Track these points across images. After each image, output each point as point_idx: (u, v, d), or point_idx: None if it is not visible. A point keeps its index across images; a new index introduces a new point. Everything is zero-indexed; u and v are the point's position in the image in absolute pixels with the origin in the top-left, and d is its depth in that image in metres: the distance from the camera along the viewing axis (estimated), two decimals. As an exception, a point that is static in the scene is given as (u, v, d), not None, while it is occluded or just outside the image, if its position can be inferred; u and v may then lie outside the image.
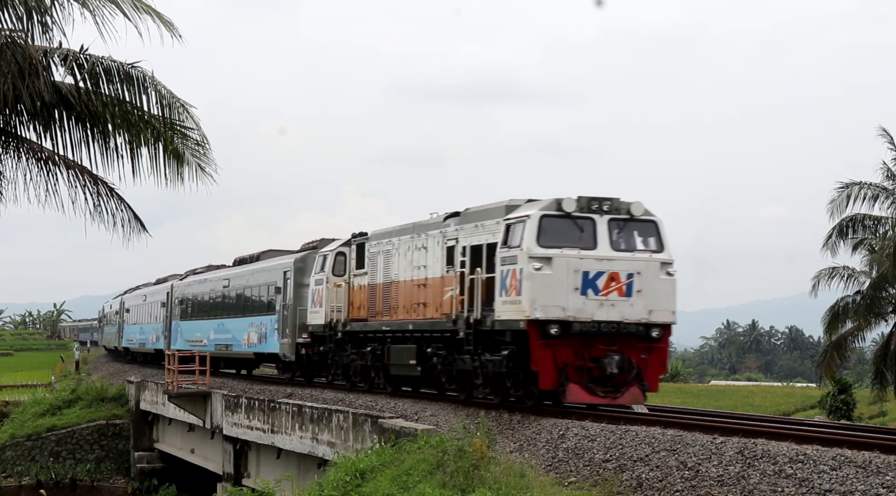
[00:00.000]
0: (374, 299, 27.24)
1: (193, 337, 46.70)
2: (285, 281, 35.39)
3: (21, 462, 43.82)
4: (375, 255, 27.40)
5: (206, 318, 45.36)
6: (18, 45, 14.08)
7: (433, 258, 24.15)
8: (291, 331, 34.09)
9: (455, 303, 22.57)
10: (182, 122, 15.62)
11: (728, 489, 14.20)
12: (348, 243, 29.49)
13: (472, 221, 22.76)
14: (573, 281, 19.91)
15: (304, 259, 34.38)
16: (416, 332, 24.81)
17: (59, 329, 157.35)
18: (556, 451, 18.27)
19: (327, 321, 29.64)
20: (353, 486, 17.92)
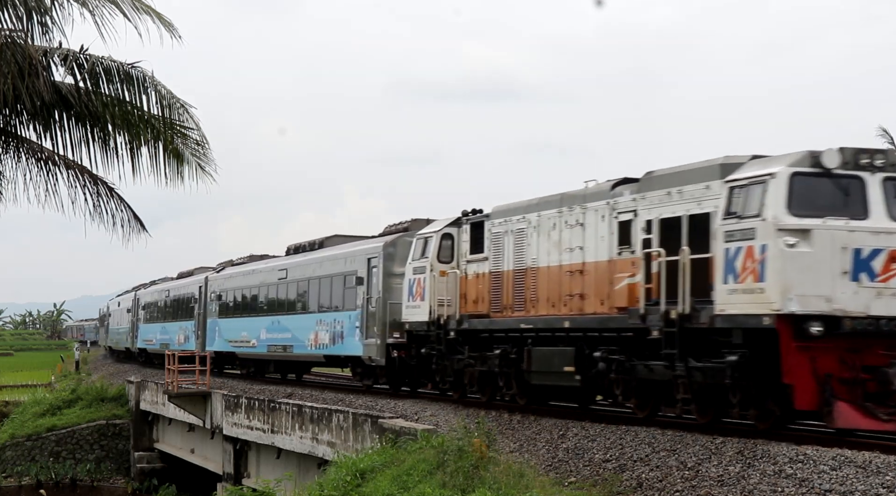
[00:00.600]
0: (499, 290, 22.46)
1: (237, 336, 40.45)
2: (370, 270, 29.47)
3: (21, 462, 43.81)
4: (500, 237, 22.52)
5: (255, 315, 38.76)
6: (18, 45, 14.07)
7: (595, 237, 19.44)
8: (381, 329, 28.22)
9: (635, 293, 18.05)
10: (182, 122, 15.62)
11: (728, 489, 14.20)
12: (457, 223, 24.86)
13: (660, 187, 17.93)
14: (840, 262, 15.18)
15: (394, 244, 28.80)
16: (572, 331, 19.87)
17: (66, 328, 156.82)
18: (556, 451, 18.28)
19: (432, 317, 24.58)
20: (353, 486, 17.92)
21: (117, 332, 71.10)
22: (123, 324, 67.33)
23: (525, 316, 21.43)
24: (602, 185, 19.80)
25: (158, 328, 55.08)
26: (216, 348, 42.46)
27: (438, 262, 24.72)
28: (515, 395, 22.04)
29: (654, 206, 17.98)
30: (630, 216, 18.57)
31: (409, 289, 25.84)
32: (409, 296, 25.81)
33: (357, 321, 29.80)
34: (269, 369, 39.66)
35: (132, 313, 63.06)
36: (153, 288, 59.69)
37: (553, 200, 20.93)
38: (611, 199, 19.21)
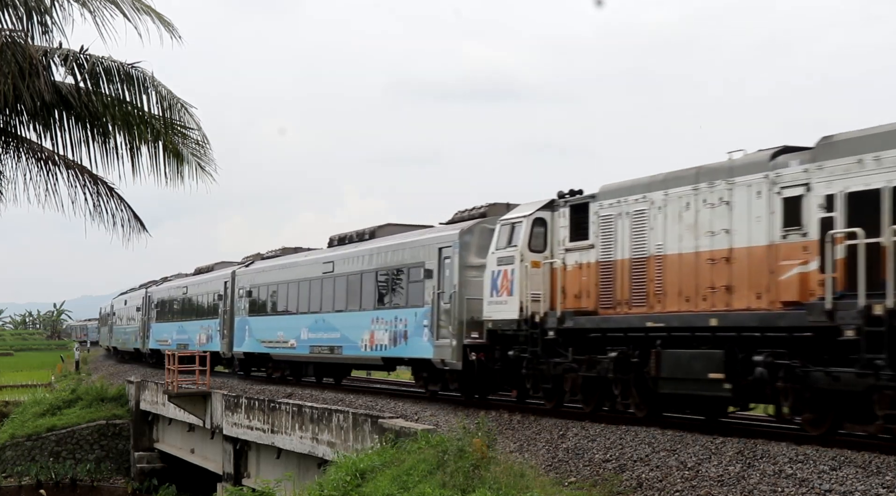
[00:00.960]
0: (610, 283, 19.42)
1: (273, 336, 36.54)
2: (441, 261, 25.78)
3: (21, 462, 43.81)
4: (612, 220, 19.49)
5: (295, 313, 35.07)
6: (18, 45, 14.08)
7: (747, 217, 16.56)
8: (457, 328, 24.55)
9: (809, 284, 15.35)
10: (182, 122, 15.62)
11: (728, 489, 14.21)
12: (551, 206, 21.72)
13: (846, 154, 15.05)
14: None
15: (472, 231, 25.20)
16: (720, 331, 16.82)
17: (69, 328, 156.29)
18: (556, 451, 18.28)
19: (523, 315, 21.50)
20: (353, 486, 17.92)
21: (124, 332, 67.15)
22: (132, 324, 63.34)
23: (649, 312, 18.41)
24: (757, 155, 16.88)
25: (175, 327, 51.20)
26: (246, 349, 39.14)
27: (530, 252, 21.65)
28: (634, 405, 18.96)
29: (836, 177, 15.09)
30: (800, 191, 15.65)
31: (493, 283, 22.60)
32: (493, 290, 22.58)
33: (425, 319, 26.08)
34: (307, 372, 36.06)
35: (142, 312, 59.08)
36: (167, 285, 55.74)
37: (686, 176, 18.02)
38: (771, 171, 16.29)
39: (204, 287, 46.39)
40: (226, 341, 41.46)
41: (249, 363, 40.62)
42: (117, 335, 70.49)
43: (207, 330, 44.59)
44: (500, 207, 25.11)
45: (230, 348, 40.88)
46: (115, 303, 72.66)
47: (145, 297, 58.47)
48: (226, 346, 41.45)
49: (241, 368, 41.74)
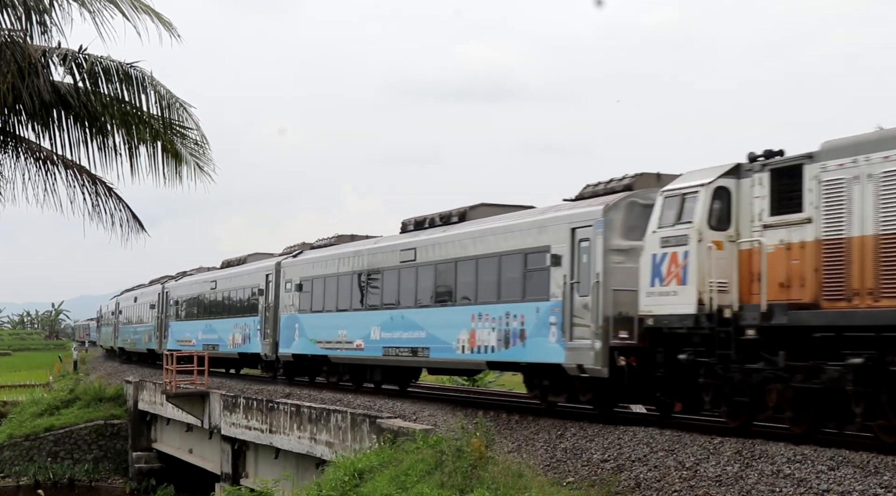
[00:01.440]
0: (842, 267, 15.25)
1: (332, 336, 31.16)
2: (575, 245, 21.08)
3: (19, 462, 43.79)
4: (842, 186, 15.35)
5: (362, 309, 29.69)
6: (17, 45, 14.07)
7: None
8: (600, 326, 19.92)
9: None
10: (181, 121, 15.62)
11: (726, 489, 14.21)
12: (736, 172, 17.47)
13: None
14: None
15: (617, 206, 20.49)
16: None
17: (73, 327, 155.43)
18: (555, 451, 18.28)
19: (706, 309, 17.23)
20: (352, 486, 17.93)
21: (134, 332, 61.49)
22: (144, 323, 57.92)
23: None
24: None
25: (201, 326, 45.39)
26: (297, 350, 33.81)
27: (711, 229, 17.49)
28: (881, 429, 15.13)
29: None
30: None
31: (654, 269, 18.41)
32: (654, 278, 18.37)
33: (551, 316, 21.37)
34: (372, 377, 30.72)
35: (158, 309, 53.66)
36: (188, 279, 50.38)
37: None
38: None
39: (239, 281, 40.87)
40: (269, 341, 36.47)
41: (297, 366, 35.25)
42: (125, 335, 65.72)
43: (245, 328, 39.36)
44: (650, 178, 20.85)
45: (275, 349, 35.87)
46: (122, 301, 68.07)
47: (162, 294, 53.41)
48: (269, 347, 36.43)
49: (284, 372, 36.89)
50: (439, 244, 26.05)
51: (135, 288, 66.38)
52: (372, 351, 28.68)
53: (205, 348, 41.92)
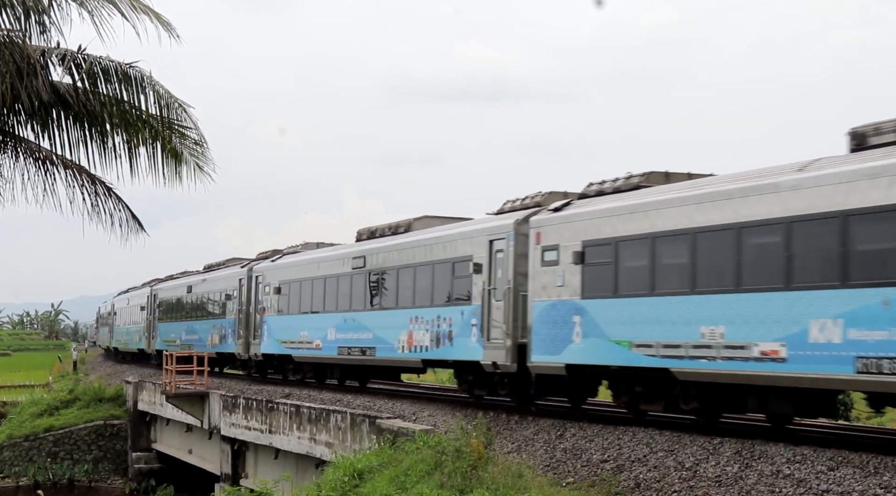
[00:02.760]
0: None
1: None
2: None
3: (18, 462, 43.78)
4: None
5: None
6: (16, 45, 14.07)
7: None
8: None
9: None
10: (180, 121, 15.61)
11: (726, 489, 14.21)
12: None
13: None
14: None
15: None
16: None
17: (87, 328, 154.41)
18: (554, 452, 18.28)
19: None
20: (351, 487, 17.92)
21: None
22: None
23: None
24: None
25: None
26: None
27: None
28: None
29: None
30: None
31: None
32: None
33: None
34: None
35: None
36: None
37: None
38: None
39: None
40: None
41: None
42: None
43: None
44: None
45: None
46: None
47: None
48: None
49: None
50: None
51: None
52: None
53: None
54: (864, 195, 14.54)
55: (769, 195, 16.19)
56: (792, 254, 15.69)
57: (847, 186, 14.83)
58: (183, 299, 48.17)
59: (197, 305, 45.67)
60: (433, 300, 25.23)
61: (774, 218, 16.00)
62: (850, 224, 14.74)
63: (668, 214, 18.19)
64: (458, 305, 23.87)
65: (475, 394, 24.32)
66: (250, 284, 37.69)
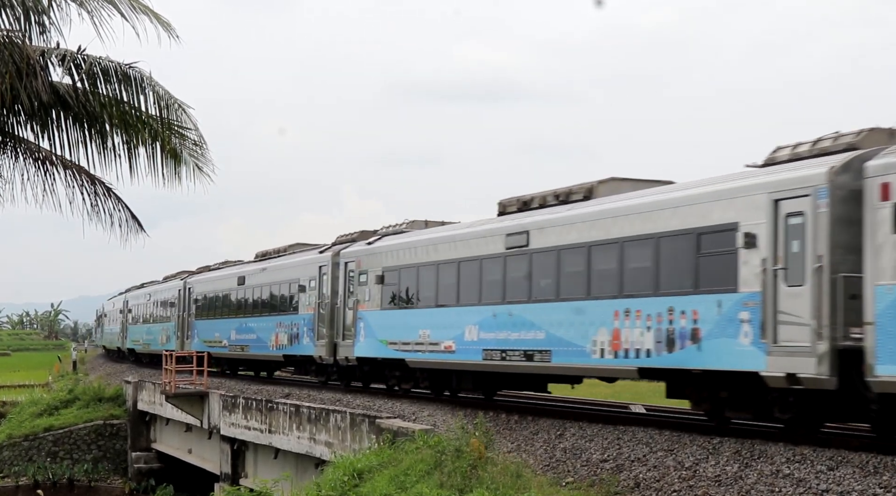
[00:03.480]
0: None
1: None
2: None
3: (18, 462, 43.77)
4: None
5: None
6: (16, 45, 14.07)
7: None
8: None
9: None
10: (180, 122, 15.62)
11: (726, 489, 14.21)
12: None
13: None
14: None
15: None
16: None
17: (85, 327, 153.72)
18: (554, 451, 18.28)
19: None
20: (351, 486, 17.93)
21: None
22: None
23: None
24: None
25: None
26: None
27: None
28: None
29: None
30: None
31: None
32: None
33: None
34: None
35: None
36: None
37: None
38: None
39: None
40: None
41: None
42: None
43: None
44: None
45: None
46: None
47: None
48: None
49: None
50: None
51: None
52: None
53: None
54: None
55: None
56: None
57: None
58: (232, 293, 41.52)
59: (254, 299, 39.05)
60: (658, 286, 18.85)
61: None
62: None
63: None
64: (710, 293, 17.49)
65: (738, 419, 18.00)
66: (336, 272, 31.14)
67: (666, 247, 18.58)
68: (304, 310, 33.27)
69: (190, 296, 47.55)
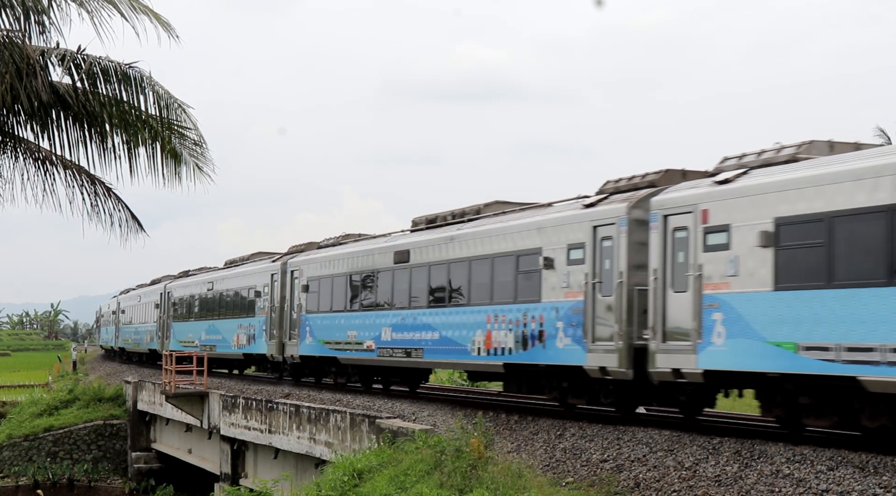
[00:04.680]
0: None
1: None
2: None
3: (18, 462, 43.78)
4: None
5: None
6: (16, 45, 14.07)
7: None
8: None
9: None
10: (180, 121, 15.61)
11: (725, 489, 14.21)
12: None
13: None
14: None
15: None
16: None
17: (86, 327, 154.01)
18: (554, 451, 18.27)
19: None
20: (351, 486, 17.92)
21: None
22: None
23: None
24: None
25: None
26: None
27: None
28: None
29: None
30: None
31: None
32: None
33: None
34: None
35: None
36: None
37: None
38: None
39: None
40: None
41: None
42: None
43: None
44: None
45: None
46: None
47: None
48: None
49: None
50: None
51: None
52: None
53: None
54: None
55: None
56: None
57: None
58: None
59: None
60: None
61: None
62: None
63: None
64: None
65: None
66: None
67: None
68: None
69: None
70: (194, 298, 46.64)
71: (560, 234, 20.67)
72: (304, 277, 32.97)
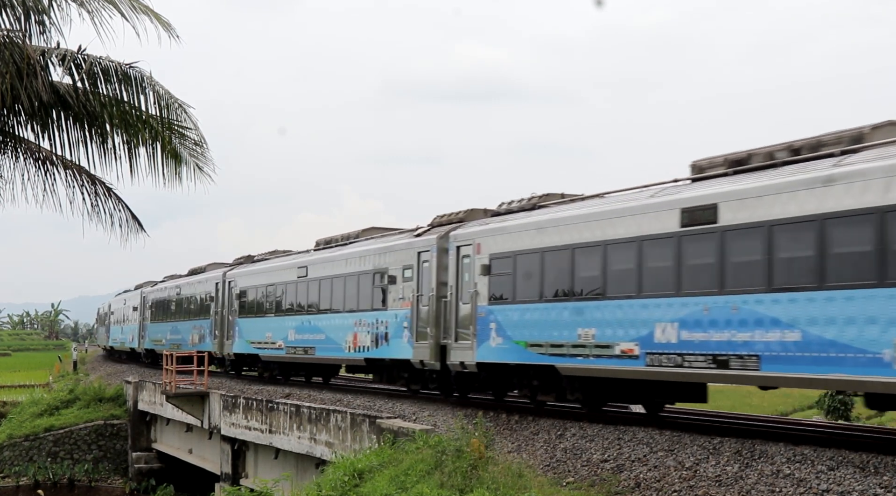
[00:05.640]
0: None
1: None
2: None
3: (18, 462, 43.78)
4: None
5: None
6: (16, 45, 14.07)
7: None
8: None
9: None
10: (180, 121, 15.61)
11: (726, 489, 14.21)
12: None
13: None
14: None
15: None
16: None
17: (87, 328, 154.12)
18: (555, 451, 18.28)
19: None
20: (352, 486, 17.92)
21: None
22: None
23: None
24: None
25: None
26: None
27: None
28: None
29: None
30: None
31: None
32: None
33: None
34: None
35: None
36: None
37: None
38: None
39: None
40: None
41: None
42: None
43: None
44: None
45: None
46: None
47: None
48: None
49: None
50: None
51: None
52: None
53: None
54: None
55: None
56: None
57: None
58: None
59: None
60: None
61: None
62: None
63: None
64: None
65: None
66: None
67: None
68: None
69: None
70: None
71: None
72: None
